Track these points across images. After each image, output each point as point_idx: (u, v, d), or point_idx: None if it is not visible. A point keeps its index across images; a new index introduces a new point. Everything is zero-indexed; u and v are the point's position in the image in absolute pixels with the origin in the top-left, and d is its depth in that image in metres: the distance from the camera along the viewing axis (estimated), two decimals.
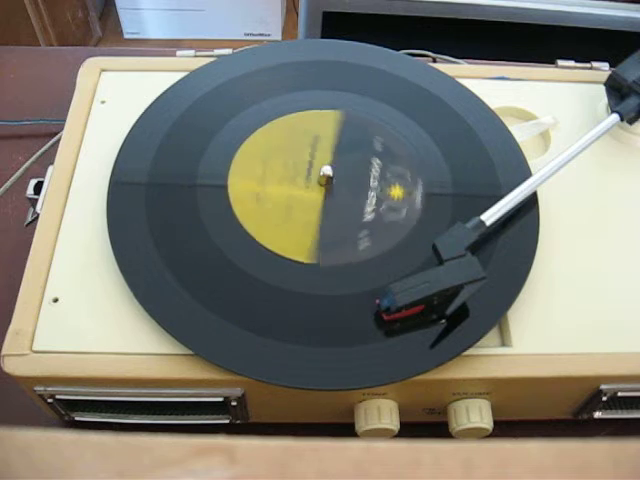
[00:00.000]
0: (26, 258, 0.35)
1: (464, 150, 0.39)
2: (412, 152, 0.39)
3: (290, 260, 0.35)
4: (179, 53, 0.46)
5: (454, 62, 0.52)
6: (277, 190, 0.37)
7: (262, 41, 1.39)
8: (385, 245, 0.35)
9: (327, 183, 0.37)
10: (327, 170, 0.37)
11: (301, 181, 0.38)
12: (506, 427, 0.36)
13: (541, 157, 0.41)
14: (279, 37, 1.41)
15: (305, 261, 0.35)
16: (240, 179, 0.38)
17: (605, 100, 0.42)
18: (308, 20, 0.67)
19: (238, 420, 0.36)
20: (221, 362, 0.31)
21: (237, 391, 0.32)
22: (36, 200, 0.38)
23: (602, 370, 0.32)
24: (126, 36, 1.42)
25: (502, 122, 0.41)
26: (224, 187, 0.37)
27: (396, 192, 0.37)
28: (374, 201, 0.37)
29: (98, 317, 0.33)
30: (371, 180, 0.38)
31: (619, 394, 0.34)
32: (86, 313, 0.33)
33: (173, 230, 0.35)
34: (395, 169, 0.38)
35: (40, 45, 1.12)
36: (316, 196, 0.37)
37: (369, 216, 0.36)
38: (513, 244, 0.35)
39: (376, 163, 0.38)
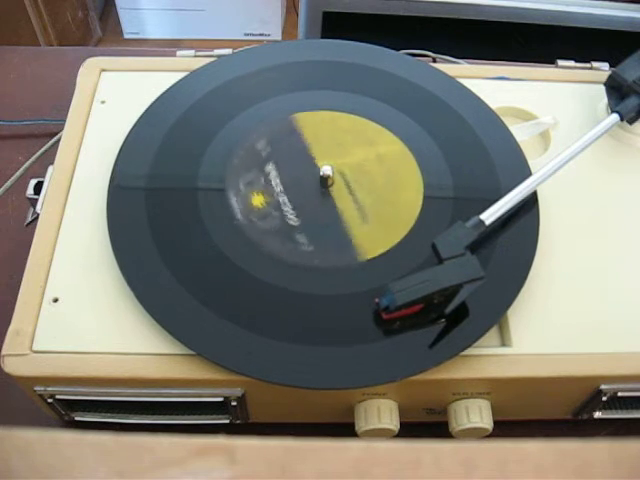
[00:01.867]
0: (26, 258, 0.35)
1: (464, 150, 0.39)
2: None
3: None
4: (179, 53, 0.46)
5: (454, 62, 0.52)
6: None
7: (262, 41, 1.39)
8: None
9: (327, 185, 0.37)
10: (327, 170, 0.37)
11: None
12: (506, 427, 0.36)
13: (541, 157, 0.41)
14: (279, 37, 1.41)
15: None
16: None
17: (605, 100, 0.42)
18: (308, 20, 0.67)
19: (238, 420, 0.36)
20: (221, 362, 0.31)
21: (237, 391, 0.32)
22: (36, 200, 0.38)
23: (602, 370, 0.32)
24: (126, 36, 1.42)
25: (502, 122, 0.41)
26: (224, 187, 0.37)
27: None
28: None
29: (98, 317, 0.33)
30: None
31: (619, 394, 0.34)
32: (86, 313, 0.33)
33: (173, 230, 0.35)
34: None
35: (40, 45, 1.12)
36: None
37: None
38: (513, 244, 0.35)
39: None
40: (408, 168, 0.39)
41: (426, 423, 0.36)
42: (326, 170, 0.37)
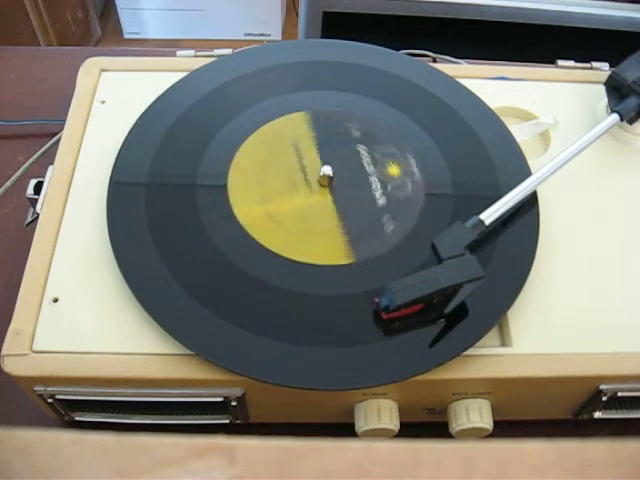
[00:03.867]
0: (26, 258, 0.35)
1: (464, 150, 0.39)
2: (389, 127, 0.39)
3: (330, 266, 0.34)
4: (179, 53, 0.46)
5: (454, 62, 0.52)
6: (285, 204, 0.37)
7: (262, 41, 1.39)
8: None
9: (330, 183, 0.37)
10: (327, 170, 0.37)
11: (303, 188, 0.38)
12: (506, 427, 0.36)
13: (541, 157, 0.41)
14: (279, 37, 1.41)
15: (344, 262, 0.35)
16: (244, 204, 0.37)
17: (605, 100, 0.42)
18: (308, 20, 0.67)
19: (238, 420, 0.36)
20: (221, 362, 0.31)
21: (237, 391, 0.32)
22: (36, 200, 0.38)
23: (602, 370, 0.32)
24: (126, 36, 1.42)
25: (502, 122, 0.41)
26: (224, 187, 0.37)
27: (393, 170, 0.37)
28: (379, 185, 0.37)
29: (98, 317, 0.33)
30: (366, 166, 0.38)
31: (619, 394, 0.34)
32: (86, 313, 0.33)
33: (173, 230, 0.35)
34: (381, 148, 0.38)
35: (40, 45, 1.12)
36: (324, 198, 0.37)
37: (381, 200, 0.37)
38: (513, 244, 0.35)
39: (362, 149, 0.38)
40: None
41: (426, 423, 0.36)
42: (326, 170, 0.37)
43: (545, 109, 0.43)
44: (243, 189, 0.37)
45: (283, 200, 0.37)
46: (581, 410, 0.36)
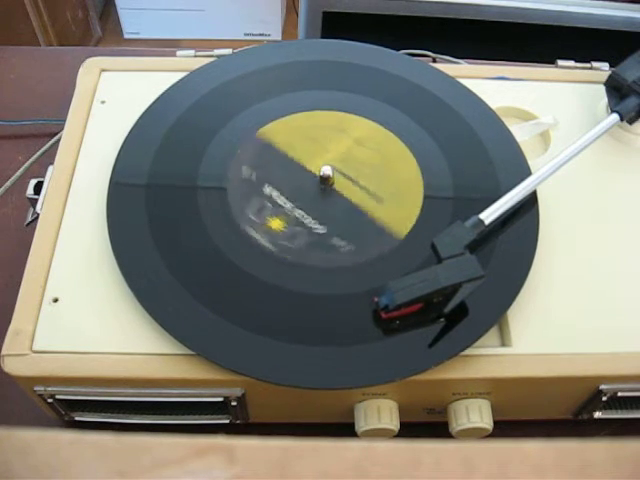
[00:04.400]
0: (26, 258, 0.35)
1: (464, 150, 0.39)
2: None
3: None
4: (179, 53, 0.46)
5: (454, 62, 0.52)
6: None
7: (262, 41, 1.39)
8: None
9: (326, 183, 0.37)
10: (327, 170, 0.37)
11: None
12: (506, 427, 0.36)
13: (541, 157, 0.41)
14: (279, 37, 1.41)
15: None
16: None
17: (605, 100, 0.42)
18: (308, 20, 0.67)
19: (238, 420, 0.36)
20: (221, 362, 0.31)
21: (237, 391, 0.32)
22: (36, 200, 0.38)
23: (602, 370, 0.32)
24: (126, 36, 1.42)
25: (502, 122, 0.41)
26: (224, 187, 0.37)
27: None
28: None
29: (98, 317, 0.33)
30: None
31: (619, 394, 0.34)
32: (86, 313, 0.33)
33: (173, 230, 0.35)
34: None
35: (40, 45, 1.12)
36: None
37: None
38: (513, 243, 0.35)
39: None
40: (392, 143, 0.40)
41: (426, 423, 0.36)
42: (326, 170, 0.37)
43: (545, 109, 0.43)
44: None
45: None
46: (581, 410, 0.36)
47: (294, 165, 0.38)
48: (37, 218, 0.37)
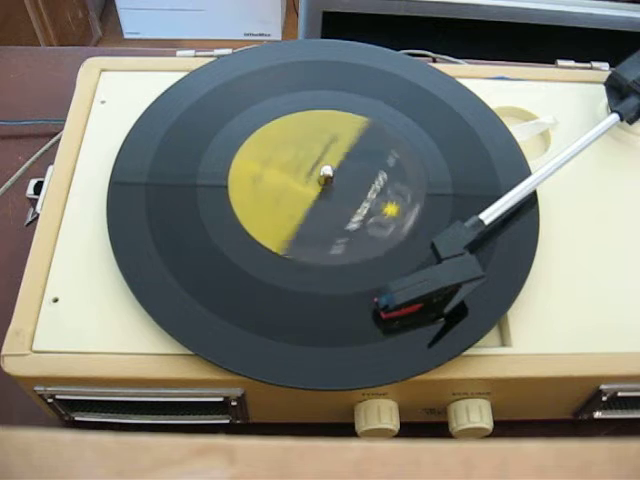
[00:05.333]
0: (26, 258, 0.35)
1: (464, 150, 0.39)
2: (422, 173, 0.38)
3: (260, 246, 0.35)
4: (179, 53, 0.46)
5: (454, 62, 0.52)
6: (275, 177, 0.38)
7: (262, 41, 1.39)
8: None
9: (326, 183, 0.37)
10: (327, 170, 0.37)
11: (302, 175, 0.38)
12: (506, 427, 0.36)
13: (541, 157, 0.41)
14: (279, 37, 1.41)
15: (274, 250, 0.35)
16: (244, 159, 0.38)
17: (605, 100, 0.42)
18: (308, 20, 0.67)
19: (238, 420, 0.36)
20: (221, 362, 0.31)
21: (237, 391, 0.32)
22: (36, 200, 0.38)
23: (602, 370, 0.32)
24: (126, 36, 1.42)
25: (502, 122, 0.41)
26: (224, 187, 0.37)
27: (389, 209, 0.37)
28: (364, 212, 0.37)
29: (98, 317, 0.33)
30: (370, 191, 0.37)
31: (619, 394, 0.34)
32: (86, 313, 0.33)
33: (173, 230, 0.35)
34: (399, 187, 0.38)
35: (40, 45, 1.12)
36: (310, 193, 0.37)
37: (353, 225, 0.36)
38: (513, 243, 0.35)
39: (382, 177, 0.38)
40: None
41: (426, 423, 0.36)
42: (326, 170, 0.37)
43: (545, 109, 0.43)
44: (256, 146, 0.39)
45: (277, 172, 0.38)
46: (581, 410, 0.36)
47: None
48: (37, 218, 0.37)
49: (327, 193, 0.37)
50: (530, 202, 0.37)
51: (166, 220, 0.36)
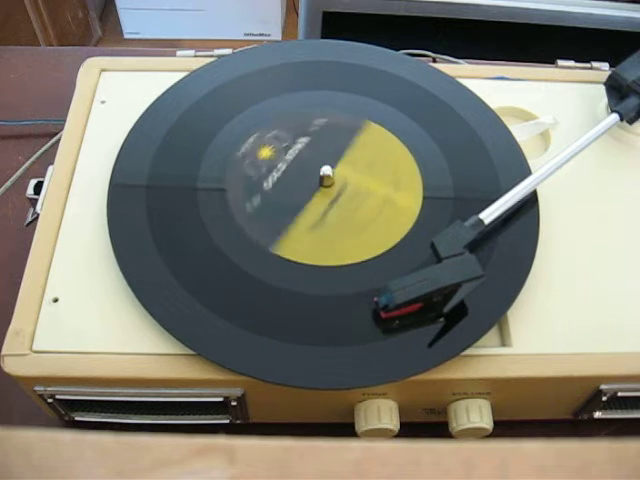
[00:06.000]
0: (26, 258, 0.35)
1: (464, 150, 0.39)
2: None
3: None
4: (179, 53, 0.46)
5: (454, 62, 0.52)
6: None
7: (262, 41, 1.39)
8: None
9: (324, 183, 0.37)
10: (327, 170, 0.37)
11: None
12: (506, 427, 0.36)
13: (541, 157, 0.41)
14: (279, 37, 1.41)
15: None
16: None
17: (605, 100, 0.42)
18: (308, 20, 0.67)
19: (238, 420, 0.36)
20: (221, 362, 0.31)
21: (237, 391, 0.32)
22: (36, 200, 0.38)
23: (602, 370, 0.32)
24: (126, 36, 1.42)
25: (502, 122, 0.41)
26: (224, 187, 0.37)
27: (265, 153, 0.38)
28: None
29: (98, 317, 0.33)
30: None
31: (619, 394, 0.34)
32: (86, 313, 0.33)
33: (173, 230, 0.35)
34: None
35: (40, 45, 1.12)
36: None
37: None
38: (513, 243, 0.35)
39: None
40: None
41: (426, 423, 0.36)
42: (326, 170, 0.37)
43: (545, 109, 0.43)
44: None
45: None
46: (581, 410, 0.36)
47: (336, 155, 0.39)
48: (37, 218, 0.37)
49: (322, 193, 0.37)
50: (530, 202, 0.37)
51: (166, 219, 0.36)
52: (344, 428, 0.34)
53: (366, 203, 0.37)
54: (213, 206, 0.36)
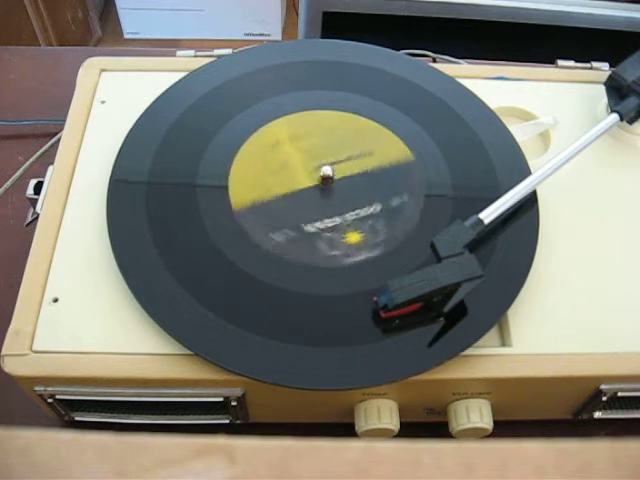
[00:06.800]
0: (26, 258, 0.35)
1: (464, 150, 0.39)
2: (412, 230, 0.36)
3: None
4: (179, 53, 0.46)
5: (454, 62, 0.52)
6: (289, 151, 0.39)
7: (262, 41, 1.39)
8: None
9: (323, 183, 0.37)
10: (327, 170, 0.37)
11: (313, 164, 0.38)
12: (506, 427, 0.36)
13: (541, 157, 0.41)
14: (279, 37, 1.41)
15: (232, 203, 0.36)
16: (277, 127, 0.40)
17: (605, 100, 0.42)
18: (308, 20, 0.67)
19: (238, 420, 0.36)
20: (221, 362, 0.31)
21: (237, 391, 0.32)
22: (36, 200, 0.38)
23: (602, 370, 0.32)
24: (126, 36, 1.42)
25: (502, 122, 0.41)
26: (224, 186, 0.37)
27: (351, 237, 0.36)
28: (330, 224, 0.36)
29: (98, 317, 0.33)
30: (351, 213, 0.37)
31: (619, 394, 0.34)
32: (86, 313, 0.33)
33: (173, 230, 0.35)
34: (379, 227, 0.36)
35: (40, 45, 1.12)
36: (304, 181, 0.37)
37: (311, 228, 0.36)
38: (513, 243, 0.35)
39: (374, 208, 0.37)
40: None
41: (426, 423, 0.36)
42: (326, 171, 0.37)
43: (545, 109, 0.43)
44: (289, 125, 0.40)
45: (295, 150, 0.39)
46: (581, 410, 0.36)
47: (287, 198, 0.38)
48: (37, 218, 0.37)
49: (316, 190, 0.37)
50: (530, 202, 0.37)
51: (166, 220, 0.36)
52: (344, 428, 0.34)
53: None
54: (213, 206, 0.36)
